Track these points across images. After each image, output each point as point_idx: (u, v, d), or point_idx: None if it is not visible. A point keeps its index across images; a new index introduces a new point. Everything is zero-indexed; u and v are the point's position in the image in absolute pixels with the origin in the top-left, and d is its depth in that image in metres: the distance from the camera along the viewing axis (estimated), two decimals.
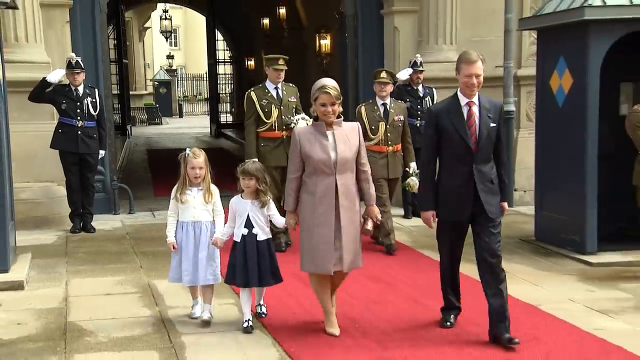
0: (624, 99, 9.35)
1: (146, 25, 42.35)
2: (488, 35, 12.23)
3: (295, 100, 9.22)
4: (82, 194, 10.58)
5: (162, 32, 42.79)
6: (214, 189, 6.18)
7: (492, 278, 5.61)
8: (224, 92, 34.88)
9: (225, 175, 6.30)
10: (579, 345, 5.85)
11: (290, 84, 9.68)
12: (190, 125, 38.09)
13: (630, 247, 8.75)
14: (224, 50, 33.14)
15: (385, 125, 9.05)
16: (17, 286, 7.63)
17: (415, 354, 5.49)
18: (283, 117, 9.02)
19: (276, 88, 9.25)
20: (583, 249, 8.62)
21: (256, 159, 8.40)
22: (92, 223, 10.72)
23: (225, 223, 6.23)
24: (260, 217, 5.96)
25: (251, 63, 29.93)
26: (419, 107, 11.47)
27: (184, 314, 6.81)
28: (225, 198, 6.23)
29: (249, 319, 6.04)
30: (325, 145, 5.60)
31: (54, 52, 11.13)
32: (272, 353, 5.59)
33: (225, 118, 33.35)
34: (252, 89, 9.54)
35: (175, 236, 6.26)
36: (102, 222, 11.12)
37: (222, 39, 32.25)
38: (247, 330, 5.99)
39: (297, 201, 5.85)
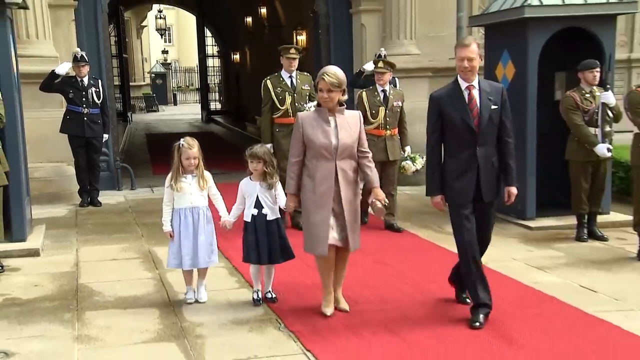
0: (558, 86, 9.44)
1: (143, 23, 42.13)
2: (443, 32, 12.27)
3: (308, 88, 8.78)
4: (89, 173, 10.58)
5: (157, 29, 42.68)
6: (207, 174, 5.75)
7: (481, 253, 5.40)
8: (213, 82, 34.78)
9: (215, 155, 6.12)
10: (520, 296, 6.08)
11: (305, 73, 9.32)
12: (183, 112, 38.02)
13: (563, 213, 8.95)
14: (212, 45, 33.05)
15: (385, 110, 8.67)
16: (34, 253, 7.64)
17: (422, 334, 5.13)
18: (296, 104, 8.66)
19: (290, 77, 8.84)
20: (524, 215, 8.86)
21: (270, 144, 8.49)
22: (98, 198, 10.72)
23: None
24: (269, 197, 5.62)
25: (236, 57, 29.81)
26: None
27: (182, 276, 6.79)
28: (215, 176, 6.09)
29: (258, 290, 5.82)
30: (327, 131, 5.22)
31: (62, 48, 11.05)
32: (259, 312, 5.61)
33: (215, 106, 33.26)
34: (268, 77, 9.04)
35: (172, 224, 5.80)
36: (107, 197, 11.10)
37: (211, 35, 32.11)
38: (257, 303, 5.76)
39: (299, 184, 5.42)
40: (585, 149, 7.74)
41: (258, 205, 5.52)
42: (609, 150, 7.68)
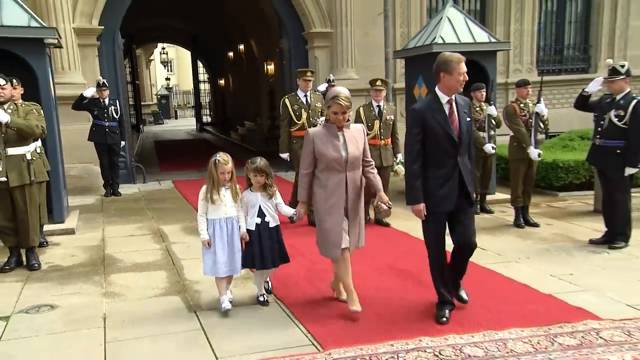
0: None
1: (151, 57, 41.54)
2: (374, 62, 12.26)
3: (320, 105, 8.02)
4: (111, 171, 10.52)
5: (161, 62, 42.20)
6: (239, 189, 4.84)
7: (467, 256, 4.60)
8: (204, 101, 34.31)
9: (207, 155, 5.73)
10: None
11: (317, 92, 8.68)
12: (182, 124, 37.51)
13: None
14: (203, 73, 32.67)
15: (379, 122, 7.80)
16: (70, 232, 7.64)
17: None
18: (311, 119, 8.01)
19: (305, 95, 8.12)
20: None
21: (287, 153, 8.15)
22: (119, 190, 10.66)
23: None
24: (270, 206, 4.84)
25: (222, 82, 29.48)
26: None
27: (183, 247, 6.88)
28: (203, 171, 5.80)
29: (263, 294, 5.02)
30: (337, 145, 4.50)
31: (88, 76, 10.98)
32: (243, 272, 5.65)
33: (206, 119, 32.92)
34: (286, 96, 8.34)
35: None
36: (125, 189, 11.01)
37: (202, 66, 31.76)
38: (264, 303, 4.96)
39: (309, 193, 4.71)
40: (523, 149, 7.53)
41: (261, 214, 4.76)
42: (538, 152, 7.56)
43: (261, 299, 5.00)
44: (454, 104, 4.32)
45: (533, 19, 13.50)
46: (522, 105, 7.69)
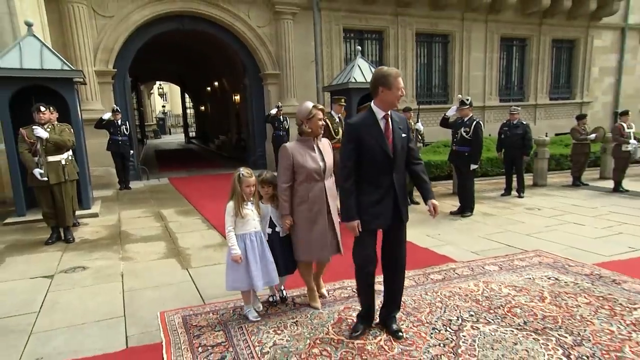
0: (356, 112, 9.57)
1: (151, 91, 39.97)
2: (310, 94, 12.10)
3: None
4: (123, 172, 10.17)
5: (159, 94, 40.62)
6: (260, 201, 3.56)
7: (398, 272, 3.25)
8: (190, 121, 33.39)
9: (193, 161, 5.56)
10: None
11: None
12: (174, 138, 36.35)
13: None
14: (189, 101, 31.81)
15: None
16: (95, 215, 7.43)
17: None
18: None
19: (339, 116, 7.11)
20: None
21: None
22: (129, 185, 10.33)
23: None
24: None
25: (202, 107, 28.79)
26: (282, 130, 11.32)
27: (177, 224, 6.77)
28: (190, 171, 5.83)
29: (274, 295, 3.84)
30: (315, 156, 3.43)
31: (105, 104, 10.53)
32: (220, 240, 5.59)
33: (191, 134, 32.07)
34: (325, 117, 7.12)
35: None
36: (134, 185, 10.71)
37: (188, 96, 30.98)
38: (273, 303, 3.78)
39: (291, 206, 3.45)
40: None
41: (272, 224, 3.55)
42: None
43: (271, 299, 3.83)
44: (389, 120, 3.06)
45: (412, 67, 13.91)
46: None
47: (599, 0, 14.78)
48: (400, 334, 3.18)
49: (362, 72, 9.39)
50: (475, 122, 6.79)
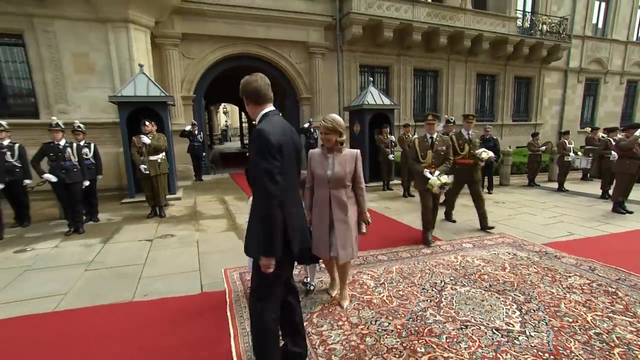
0: (377, 133, 8.83)
1: (217, 110, 40.61)
2: (334, 112, 11.78)
3: (445, 148, 4.50)
4: (198, 168, 10.27)
5: (223, 112, 41.24)
6: None
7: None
8: (245, 132, 33.34)
9: (246, 161, 4.94)
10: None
11: (444, 136, 4.81)
12: (233, 145, 36.59)
13: (374, 181, 8.57)
14: (244, 117, 32.08)
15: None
16: (179, 199, 7.53)
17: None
18: (433, 159, 4.50)
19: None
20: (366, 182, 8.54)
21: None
22: (202, 177, 10.46)
23: None
24: None
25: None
26: (312, 139, 10.64)
27: (235, 207, 6.75)
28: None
29: (309, 282, 3.26)
30: (325, 165, 2.81)
31: (187, 120, 10.68)
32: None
33: (245, 141, 32.04)
34: (417, 137, 4.57)
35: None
36: (205, 177, 10.80)
37: (244, 113, 31.21)
38: (307, 288, 3.22)
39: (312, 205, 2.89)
40: (407, 157, 6.77)
41: None
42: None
43: (305, 281, 3.28)
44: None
45: (411, 95, 13.67)
46: (406, 136, 7.64)
47: (548, 49, 14.78)
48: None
49: (373, 97, 9.31)
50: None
